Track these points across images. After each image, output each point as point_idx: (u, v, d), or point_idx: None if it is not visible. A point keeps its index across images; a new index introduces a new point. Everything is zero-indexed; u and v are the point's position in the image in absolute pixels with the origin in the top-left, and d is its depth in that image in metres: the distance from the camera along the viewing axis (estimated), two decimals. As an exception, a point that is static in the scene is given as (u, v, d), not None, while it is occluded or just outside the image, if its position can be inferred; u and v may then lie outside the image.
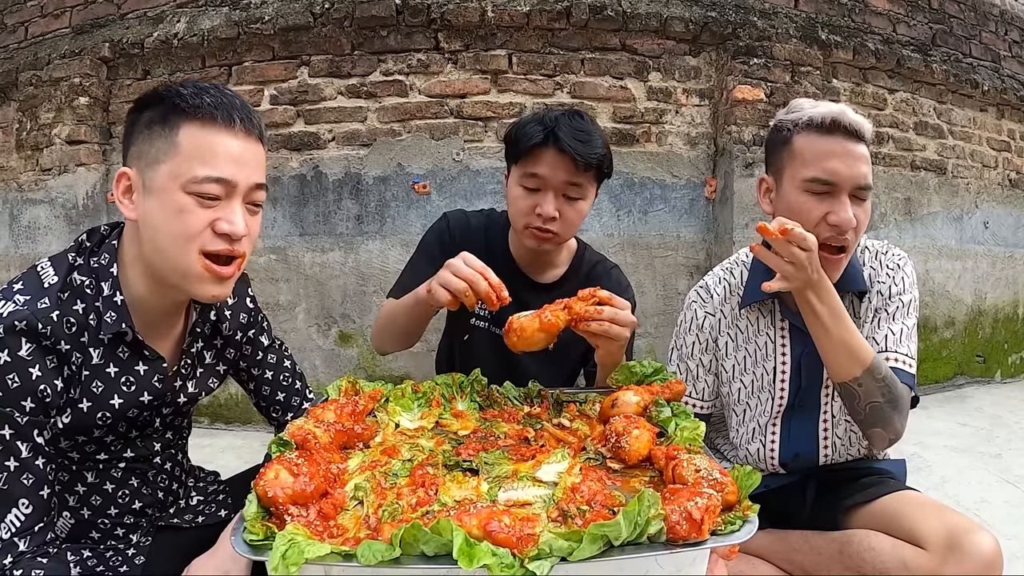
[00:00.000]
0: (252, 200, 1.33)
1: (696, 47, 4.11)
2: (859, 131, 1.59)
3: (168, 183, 1.25)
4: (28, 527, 1.21)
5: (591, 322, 1.59)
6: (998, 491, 3.07)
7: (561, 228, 1.89)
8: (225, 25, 4.02)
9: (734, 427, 1.89)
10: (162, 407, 1.45)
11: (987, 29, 5.27)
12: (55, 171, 4.22)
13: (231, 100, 1.30)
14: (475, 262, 1.63)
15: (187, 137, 1.26)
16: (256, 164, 1.33)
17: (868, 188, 1.60)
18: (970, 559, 1.44)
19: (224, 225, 1.28)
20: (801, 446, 1.81)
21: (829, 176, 1.59)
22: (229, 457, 3.42)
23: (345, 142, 3.97)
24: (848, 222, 1.58)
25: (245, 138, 1.30)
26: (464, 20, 3.85)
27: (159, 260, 1.30)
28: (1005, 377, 5.38)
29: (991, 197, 5.23)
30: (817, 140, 1.61)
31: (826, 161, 1.59)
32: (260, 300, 1.92)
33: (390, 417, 1.55)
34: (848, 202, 1.59)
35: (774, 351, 1.80)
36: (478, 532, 0.98)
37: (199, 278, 1.30)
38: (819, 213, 1.61)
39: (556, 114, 1.88)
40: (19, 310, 1.21)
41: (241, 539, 1.02)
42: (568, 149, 1.81)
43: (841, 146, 1.59)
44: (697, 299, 1.90)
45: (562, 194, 1.86)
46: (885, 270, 1.76)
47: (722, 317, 1.85)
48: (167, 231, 1.26)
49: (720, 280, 1.89)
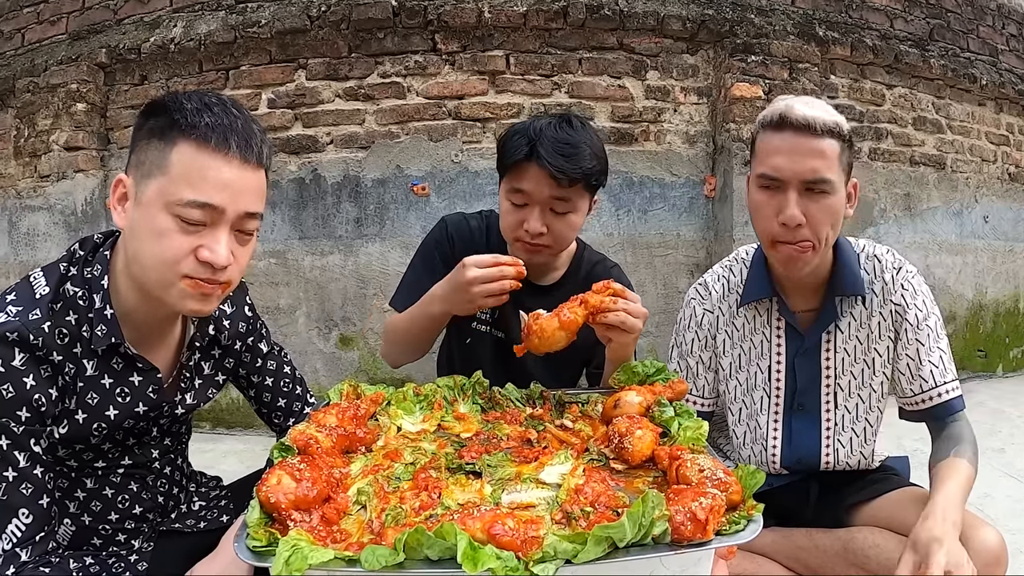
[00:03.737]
0: (242, 228, 1.29)
1: (694, 45, 4.12)
2: (811, 125, 1.53)
3: (154, 200, 1.22)
4: (29, 537, 1.21)
5: (608, 313, 1.58)
6: (1002, 486, 3.07)
7: (551, 241, 1.85)
8: (222, 29, 4.02)
9: (732, 425, 1.89)
10: (159, 417, 1.45)
11: (984, 23, 5.27)
12: (53, 177, 4.22)
13: (231, 122, 1.25)
14: (482, 260, 1.69)
15: (179, 156, 1.22)
16: (250, 192, 1.28)
17: (823, 182, 1.54)
18: (975, 555, 1.43)
19: (206, 253, 1.23)
20: (803, 450, 1.80)
21: (773, 172, 1.57)
22: (231, 462, 3.42)
23: (343, 145, 3.97)
24: (791, 219, 1.55)
25: (240, 164, 1.25)
26: (461, 21, 3.85)
27: (139, 272, 1.27)
28: (1007, 371, 5.38)
29: (991, 191, 5.23)
30: (769, 136, 1.59)
31: (772, 157, 1.57)
32: (260, 304, 1.92)
33: (392, 420, 1.55)
34: (793, 198, 1.55)
35: (769, 350, 1.80)
36: (482, 535, 0.97)
37: (181, 294, 1.26)
38: (770, 210, 1.60)
39: (542, 124, 1.81)
40: (10, 321, 1.20)
41: (244, 545, 1.02)
42: (548, 167, 1.75)
43: (788, 142, 1.55)
44: (696, 296, 1.89)
45: (549, 208, 1.81)
46: (900, 291, 1.73)
47: (720, 314, 1.85)
48: (149, 250, 1.24)
49: (719, 277, 1.88)
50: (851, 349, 1.76)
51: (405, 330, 1.95)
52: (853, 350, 1.76)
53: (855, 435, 1.79)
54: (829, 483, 1.83)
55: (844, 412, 1.79)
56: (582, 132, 1.83)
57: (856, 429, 1.79)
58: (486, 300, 1.70)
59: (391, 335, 2.02)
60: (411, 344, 1.98)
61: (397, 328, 1.98)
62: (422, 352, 2.01)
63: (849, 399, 1.78)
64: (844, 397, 1.78)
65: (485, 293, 1.68)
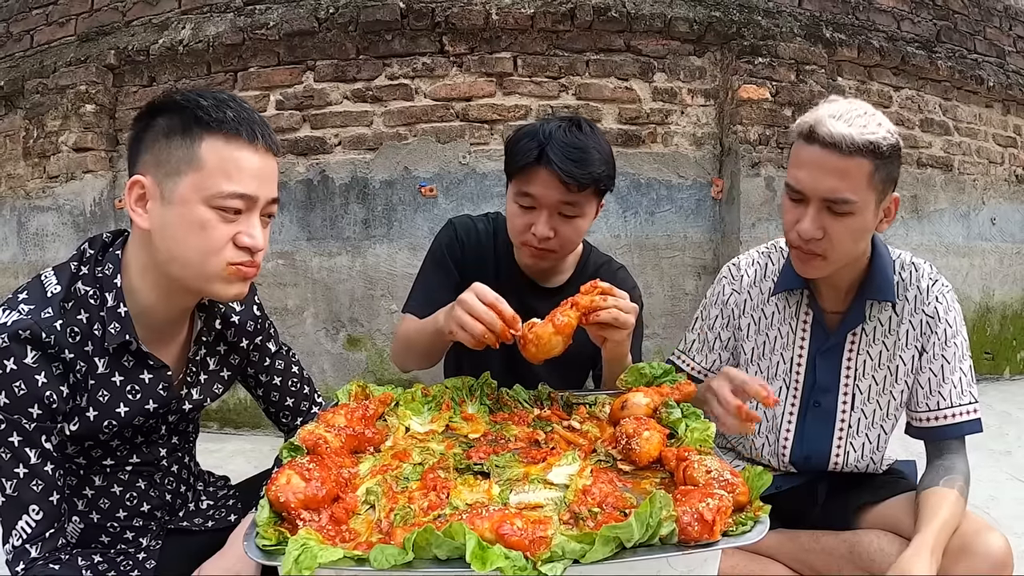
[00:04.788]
0: (267, 212, 1.35)
1: (701, 47, 4.11)
2: (838, 143, 1.48)
3: (190, 196, 1.25)
4: (39, 533, 1.22)
5: (600, 312, 1.58)
6: (1008, 488, 3.06)
7: (558, 245, 1.85)
8: (230, 31, 4.04)
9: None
10: (168, 414, 1.46)
11: (991, 25, 5.25)
12: (62, 178, 4.24)
13: (251, 115, 1.31)
14: (488, 295, 1.58)
15: (211, 151, 1.25)
16: (273, 178, 1.35)
17: (844, 202, 1.51)
18: (981, 559, 1.44)
19: (246, 239, 1.29)
20: (814, 447, 1.80)
21: (794, 183, 1.56)
22: (239, 462, 3.43)
23: (351, 146, 3.98)
24: (805, 232, 1.55)
25: (265, 153, 1.31)
26: (469, 23, 3.86)
27: (177, 269, 1.29)
28: (1014, 374, 5.36)
29: (998, 193, 5.21)
30: (799, 146, 1.57)
31: (797, 169, 1.56)
32: (268, 305, 1.93)
33: (400, 421, 1.55)
34: (812, 213, 1.54)
35: (793, 342, 1.80)
36: (490, 535, 0.98)
37: (225, 281, 1.31)
38: (791, 217, 1.60)
39: (552, 127, 1.79)
40: (23, 319, 1.22)
41: (254, 544, 1.03)
42: (558, 171, 1.73)
43: (813, 156, 1.53)
44: (727, 275, 1.90)
45: (557, 212, 1.80)
46: (934, 303, 1.72)
47: (748, 299, 1.84)
48: (190, 244, 1.27)
49: (754, 262, 1.87)
50: (875, 354, 1.75)
51: (413, 339, 1.94)
52: (878, 355, 1.75)
53: (868, 440, 1.79)
54: (837, 486, 1.82)
55: (860, 416, 1.78)
56: (591, 136, 1.82)
57: (870, 435, 1.78)
58: (463, 332, 1.58)
59: (400, 341, 2.02)
60: (419, 353, 1.97)
61: (408, 336, 1.97)
62: (430, 362, 2.00)
63: (867, 403, 1.77)
64: (862, 401, 1.77)
65: (465, 324, 1.57)
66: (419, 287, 2.06)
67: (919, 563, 1.38)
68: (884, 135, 1.51)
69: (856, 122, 1.51)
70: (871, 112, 1.56)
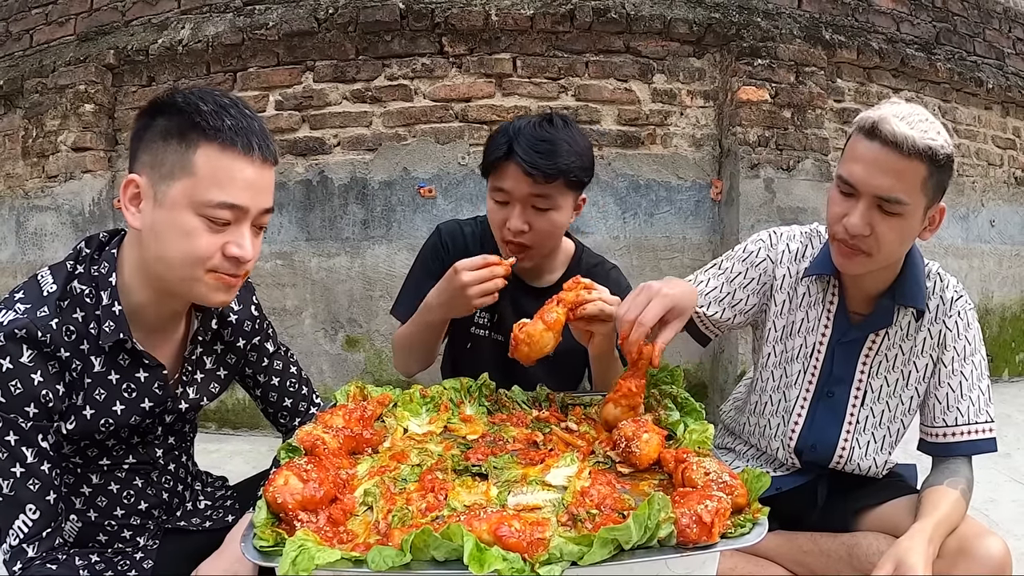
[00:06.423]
0: (258, 223, 1.34)
1: (700, 49, 4.11)
2: (899, 143, 1.49)
3: (181, 201, 1.25)
4: (36, 532, 1.22)
5: (586, 305, 1.60)
6: (1007, 491, 3.06)
7: (533, 240, 1.86)
8: (230, 31, 4.03)
9: (759, 393, 1.87)
10: (164, 414, 1.46)
11: (991, 27, 5.25)
12: (61, 178, 4.23)
13: (250, 124, 1.29)
14: (473, 262, 1.75)
15: (205, 159, 1.24)
16: (267, 189, 1.33)
17: (896, 202, 1.52)
18: (979, 563, 1.44)
19: (234, 249, 1.28)
20: (821, 438, 1.79)
21: (849, 177, 1.55)
22: (237, 462, 3.43)
23: (350, 147, 3.98)
24: (853, 227, 1.54)
25: (261, 164, 1.30)
26: (468, 24, 3.86)
27: (163, 270, 1.29)
28: (1012, 376, 5.36)
29: (997, 195, 5.21)
30: (858, 140, 1.56)
31: (854, 163, 1.55)
32: (266, 305, 1.93)
33: (398, 422, 1.55)
34: (862, 209, 1.54)
35: (816, 327, 1.79)
36: (488, 537, 0.98)
37: (208, 288, 1.30)
38: (839, 210, 1.58)
39: (523, 123, 1.83)
40: (19, 318, 1.22)
41: (251, 545, 1.03)
42: (522, 163, 1.77)
43: (872, 152, 1.52)
44: (767, 240, 1.86)
45: (531, 206, 1.83)
46: (955, 316, 1.73)
47: (786, 274, 1.82)
48: (176, 249, 1.26)
49: (795, 238, 1.85)
50: (891, 356, 1.76)
51: (409, 341, 2.01)
52: (893, 358, 1.76)
53: (873, 440, 1.79)
54: (836, 488, 1.82)
55: (869, 414, 1.79)
56: (563, 130, 1.84)
57: (876, 435, 1.79)
58: (482, 300, 1.75)
59: (398, 345, 2.07)
60: (416, 353, 2.03)
61: (403, 338, 2.03)
62: (429, 359, 2.05)
63: (877, 403, 1.78)
64: (872, 400, 1.78)
65: (480, 294, 1.73)
66: (406, 292, 2.10)
67: (915, 549, 1.38)
68: (942, 143, 1.52)
69: (918, 126, 1.51)
70: (932, 119, 1.56)
